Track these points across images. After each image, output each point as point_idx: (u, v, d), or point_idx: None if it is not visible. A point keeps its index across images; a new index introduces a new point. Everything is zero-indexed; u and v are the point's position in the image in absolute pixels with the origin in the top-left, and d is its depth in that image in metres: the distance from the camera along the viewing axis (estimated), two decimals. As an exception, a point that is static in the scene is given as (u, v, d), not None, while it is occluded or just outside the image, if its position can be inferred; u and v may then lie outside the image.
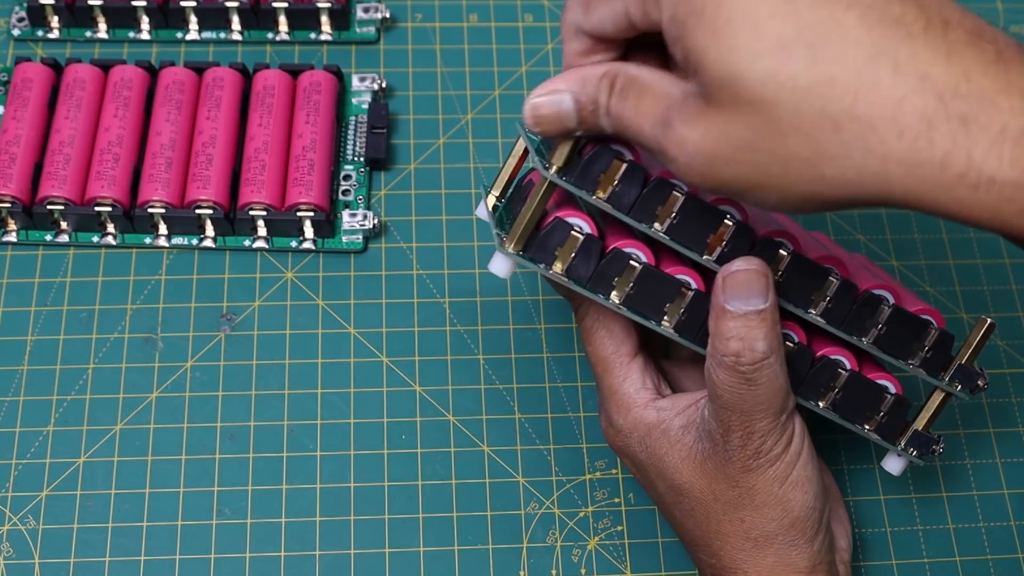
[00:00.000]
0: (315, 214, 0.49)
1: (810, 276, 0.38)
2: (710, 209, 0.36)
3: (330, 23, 0.55)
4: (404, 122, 0.54)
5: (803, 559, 0.38)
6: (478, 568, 0.45)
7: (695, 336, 0.38)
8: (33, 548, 0.44)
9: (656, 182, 0.35)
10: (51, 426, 0.47)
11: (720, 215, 0.36)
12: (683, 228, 0.36)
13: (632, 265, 0.37)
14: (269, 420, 0.47)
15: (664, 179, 0.35)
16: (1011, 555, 0.46)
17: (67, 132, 0.50)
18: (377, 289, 0.50)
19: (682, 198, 0.35)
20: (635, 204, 0.35)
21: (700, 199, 0.36)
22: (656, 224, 0.36)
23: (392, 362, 0.49)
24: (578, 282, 0.37)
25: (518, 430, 0.48)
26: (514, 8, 0.58)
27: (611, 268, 0.37)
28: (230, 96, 0.51)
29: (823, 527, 0.39)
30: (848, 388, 0.40)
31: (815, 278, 0.38)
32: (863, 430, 0.41)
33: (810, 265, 0.37)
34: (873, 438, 0.41)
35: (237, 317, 0.49)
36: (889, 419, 0.41)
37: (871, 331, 0.39)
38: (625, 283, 0.37)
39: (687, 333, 0.38)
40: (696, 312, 0.37)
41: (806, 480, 0.38)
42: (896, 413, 0.41)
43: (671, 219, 0.36)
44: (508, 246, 0.36)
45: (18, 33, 0.55)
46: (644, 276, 0.37)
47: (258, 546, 0.45)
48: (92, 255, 0.50)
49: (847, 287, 0.38)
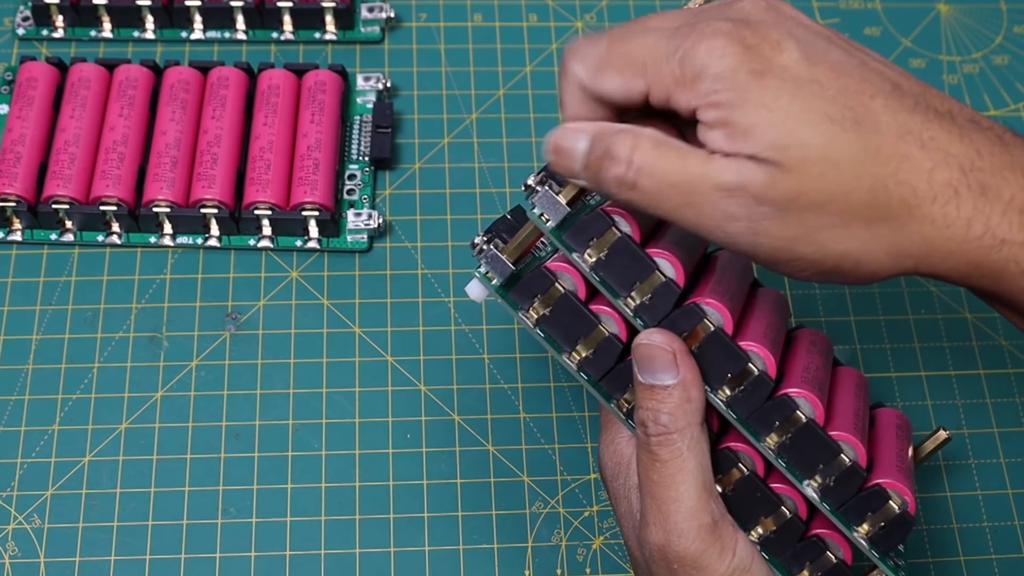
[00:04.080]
0: (320, 213, 0.49)
1: (727, 359, 0.35)
2: (642, 259, 0.35)
3: (335, 23, 0.55)
4: (408, 121, 0.54)
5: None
6: (483, 567, 0.45)
7: None
8: (38, 547, 0.44)
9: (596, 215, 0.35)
10: (56, 425, 0.47)
11: (652, 267, 0.35)
12: (611, 270, 0.35)
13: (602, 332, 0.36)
14: (274, 419, 0.47)
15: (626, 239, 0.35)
16: (1016, 555, 0.47)
17: (72, 131, 0.50)
18: (382, 288, 0.50)
19: (615, 237, 0.35)
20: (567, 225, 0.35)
21: (633, 247, 0.35)
22: (587, 253, 0.35)
23: (397, 361, 0.49)
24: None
25: (523, 429, 0.48)
26: (518, 8, 0.58)
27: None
28: (235, 96, 0.51)
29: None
30: (742, 488, 0.37)
31: (732, 362, 0.35)
32: (752, 535, 0.37)
33: (731, 348, 0.35)
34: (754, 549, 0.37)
35: (242, 316, 0.49)
36: (780, 535, 0.37)
37: (775, 436, 0.35)
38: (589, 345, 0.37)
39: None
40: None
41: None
42: (788, 531, 0.37)
43: (601, 255, 0.35)
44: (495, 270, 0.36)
45: (23, 32, 0.55)
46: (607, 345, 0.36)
47: (263, 545, 0.45)
48: (97, 254, 0.50)
49: (762, 382, 0.35)
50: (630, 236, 0.35)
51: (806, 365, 0.37)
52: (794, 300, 0.51)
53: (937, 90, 0.33)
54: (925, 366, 0.50)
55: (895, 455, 0.37)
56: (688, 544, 0.35)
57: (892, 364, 0.50)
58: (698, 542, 0.35)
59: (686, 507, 0.35)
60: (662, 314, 0.35)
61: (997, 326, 0.51)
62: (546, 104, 0.55)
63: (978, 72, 0.58)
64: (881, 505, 0.35)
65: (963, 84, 0.57)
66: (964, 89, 0.57)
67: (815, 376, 0.37)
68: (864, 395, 0.39)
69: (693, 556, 0.35)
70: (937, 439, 0.39)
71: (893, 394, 0.49)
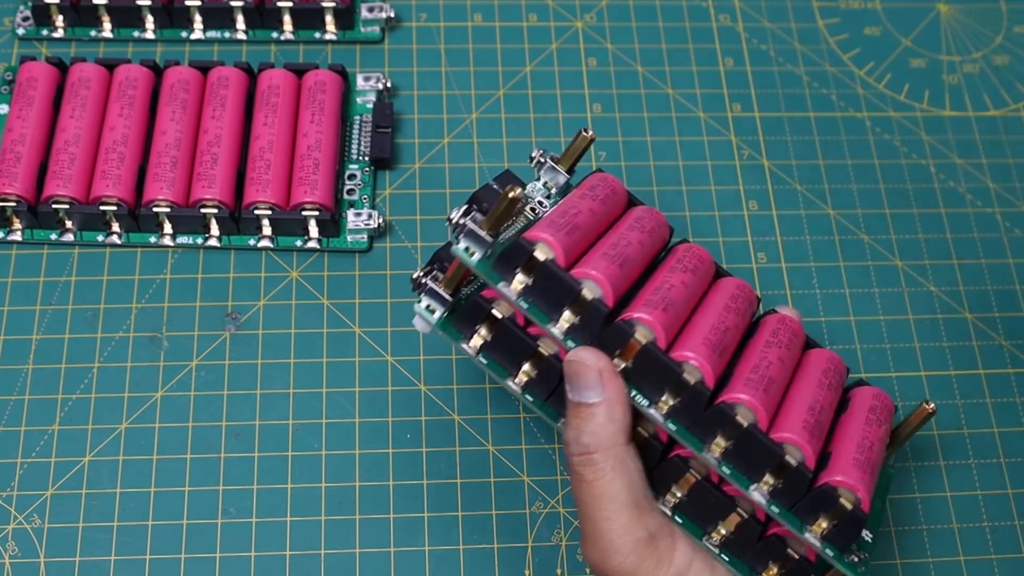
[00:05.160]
0: (320, 213, 0.49)
1: (662, 372, 0.35)
2: (566, 282, 0.35)
3: (335, 23, 0.55)
4: (408, 121, 0.54)
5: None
6: (483, 567, 0.45)
7: None
8: (39, 547, 0.44)
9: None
10: (56, 425, 0.47)
11: (577, 290, 0.35)
12: (538, 295, 0.36)
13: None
14: (274, 419, 0.47)
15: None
16: (1016, 555, 0.47)
17: (72, 131, 0.50)
18: (382, 288, 0.50)
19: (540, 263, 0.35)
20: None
21: (557, 271, 0.35)
22: (514, 283, 0.36)
23: (397, 361, 0.49)
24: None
25: (523, 429, 0.48)
26: (518, 8, 0.58)
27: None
28: (235, 95, 0.51)
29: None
30: (695, 494, 0.37)
31: (667, 375, 0.35)
32: (706, 541, 0.38)
33: (663, 363, 0.35)
34: (712, 552, 0.38)
35: (242, 316, 0.49)
36: (738, 536, 0.37)
37: (721, 443, 0.36)
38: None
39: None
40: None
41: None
42: (746, 532, 0.37)
43: (528, 282, 0.35)
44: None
45: (23, 32, 0.55)
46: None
47: (263, 545, 0.45)
48: (97, 254, 0.50)
49: (698, 392, 0.35)
50: (553, 261, 0.35)
51: (757, 363, 0.37)
52: (794, 299, 0.51)
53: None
54: (925, 366, 0.50)
55: (856, 446, 0.37)
56: (623, 559, 0.35)
57: (892, 364, 0.50)
58: (633, 556, 0.35)
59: (618, 525, 0.35)
60: (591, 335, 0.35)
61: (997, 326, 0.51)
62: (546, 104, 0.55)
63: (978, 72, 0.58)
64: (832, 503, 0.35)
65: (963, 84, 0.57)
66: (964, 89, 0.57)
67: (764, 374, 0.37)
68: (833, 380, 0.39)
69: (630, 570, 0.35)
70: (922, 412, 0.39)
71: (893, 394, 0.49)
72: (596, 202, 0.39)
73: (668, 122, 0.55)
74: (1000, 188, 0.55)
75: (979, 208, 0.54)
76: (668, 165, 0.54)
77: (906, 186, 0.54)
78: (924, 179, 0.55)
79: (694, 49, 0.57)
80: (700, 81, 0.56)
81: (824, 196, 0.54)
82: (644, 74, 0.56)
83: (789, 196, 0.54)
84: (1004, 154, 0.55)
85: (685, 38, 0.58)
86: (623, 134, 0.54)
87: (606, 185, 0.40)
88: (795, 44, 0.58)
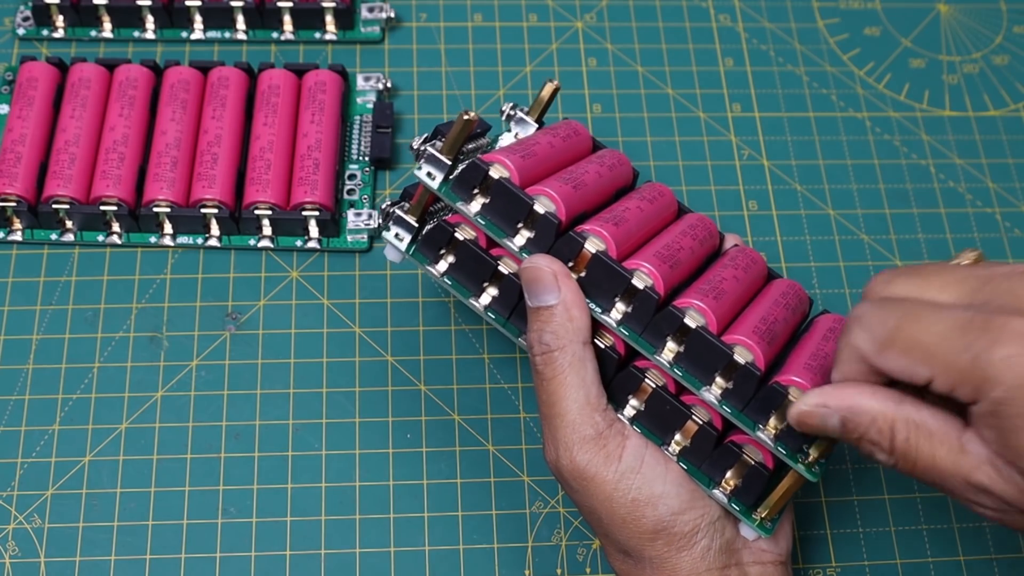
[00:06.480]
0: (320, 213, 0.49)
1: (612, 279, 0.37)
2: (519, 198, 0.37)
3: (335, 23, 0.55)
4: (409, 121, 0.54)
5: (682, 568, 0.38)
6: (483, 567, 0.45)
7: None
8: (39, 547, 0.44)
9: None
10: (56, 425, 0.47)
11: (529, 204, 0.37)
12: (495, 212, 0.37)
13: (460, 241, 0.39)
14: (274, 419, 0.47)
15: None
16: (1015, 555, 0.47)
17: (72, 131, 0.50)
18: (382, 288, 0.50)
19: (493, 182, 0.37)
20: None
21: (511, 188, 0.37)
22: (473, 203, 0.38)
23: (397, 361, 0.49)
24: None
25: (523, 429, 0.48)
26: (518, 8, 0.58)
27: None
28: (235, 96, 0.51)
29: (704, 532, 0.38)
30: (652, 403, 0.38)
31: (617, 282, 0.37)
32: (665, 450, 0.38)
33: (613, 270, 0.36)
34: (679, 466, 0.38)
35: (242, 316, 0.49)
36: (695, 445, 0.38)
37: (672, 348, 0.37)
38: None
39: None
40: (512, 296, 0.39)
41: (654, 497, 0.37)
42: (702, 440, 0.38)
43: (485, 200, 0.37)
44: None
45: (23, 32, 0.55)
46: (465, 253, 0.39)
47: (263, 545, 0.45)
48: (97, 254, 0.50)
49: (647, 297, 0.36)
50: (508, 179, 0.37)
51: (711, 277, 0.39)
52: (794, 300, 0.51)
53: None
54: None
55: (810, 354, 0.38)
56: (573, 456, 0.37)
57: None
58: (582, 453, 0.37)
59: (568, 421, 0.37)
60: (545, 246, 0.37)
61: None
62: (546, 104, 0.55)
63: (978, 72, 0.58)
64: (781, 402, 0.36)
65: (963, 84, 0.57)
66: (964, 89, 0.57)
67: (716, 286, 0.38)
68: (791, 302, 0.40)
69: (580, 467, 0.37)
70: None
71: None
72: (556, 138, 0.41)
73: (668, 122, 0.55)
74: (1000, 188, 0.55)
75: (979, 208, 0.54)
76: (668, 165, 0.54)
77: (906, 186, 0.54)
78: (924, 179, 0.55)
79: (694, 49, 0.57)
80: (700, 81, 0.56)
81: (824, 196, 0.54)
82: (644, 74, 0.56)
83: (789, 196, 0.54)
84: (1004, 154, 0.55)
85: (685, 38, 0.58)
86: (623, 134, 0.54)
87: (569, 127, 0.43)
88: (795, 44, 0.58)
